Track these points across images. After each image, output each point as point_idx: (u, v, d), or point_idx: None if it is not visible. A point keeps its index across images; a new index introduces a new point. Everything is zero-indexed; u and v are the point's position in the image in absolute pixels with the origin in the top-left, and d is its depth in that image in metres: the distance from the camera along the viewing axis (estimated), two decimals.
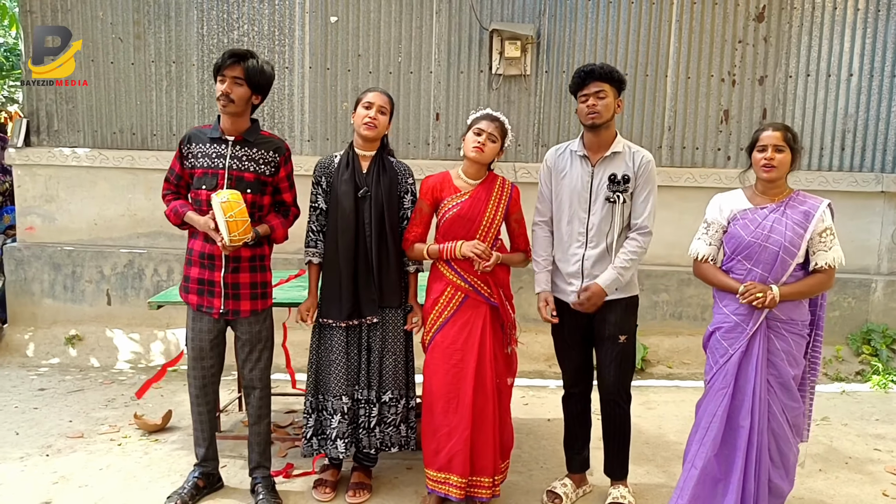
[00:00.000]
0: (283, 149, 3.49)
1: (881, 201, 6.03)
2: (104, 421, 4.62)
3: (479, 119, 3.38)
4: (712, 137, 6.09)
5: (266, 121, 6.17)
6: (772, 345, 3.03)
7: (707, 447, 3.05)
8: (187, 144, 3.41)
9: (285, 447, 4.18)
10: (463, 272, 3.38)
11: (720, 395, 3.07)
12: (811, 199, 3.06)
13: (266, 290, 3.52)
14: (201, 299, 3.42)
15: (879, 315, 6.07)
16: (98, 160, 6.22)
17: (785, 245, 2.97)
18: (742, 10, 5.93)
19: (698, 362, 5.96)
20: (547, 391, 5.42)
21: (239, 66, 3.28)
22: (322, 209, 3.56)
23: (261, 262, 3.48)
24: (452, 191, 3.43)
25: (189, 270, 3.46)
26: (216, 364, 3.55)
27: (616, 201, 3.31)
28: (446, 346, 3.40)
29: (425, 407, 3.45)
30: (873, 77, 5.93)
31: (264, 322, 3.54)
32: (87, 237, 6.34)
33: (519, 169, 5.97)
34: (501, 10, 5.97)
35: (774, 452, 3.05)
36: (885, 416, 5.02)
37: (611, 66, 3.33)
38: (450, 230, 3.41)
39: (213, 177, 3.32)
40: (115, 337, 6.08)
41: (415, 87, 6.10)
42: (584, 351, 3.56)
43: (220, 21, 6.09)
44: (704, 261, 3.22)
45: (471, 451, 3.36)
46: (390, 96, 3.54)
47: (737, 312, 3.06)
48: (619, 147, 3.36)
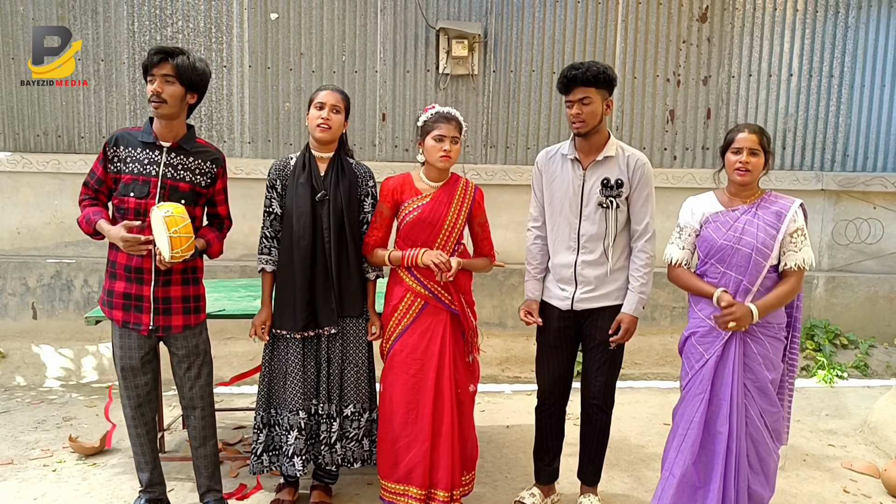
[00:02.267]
0: (221, 160, 3.28)
1: (821, 199, 6.16)
2: (35, 445, 4.30)
3: (437, 122, 3.20)
4: (659, 137, 6.11)
5: (204, 122, 5.90)
6: (748, 349, 2.99)
7: (685, 454, 2.99)
8: (114, 147, 3.13)
9: (236, 466, 3.95)
10: (423, 278, 3.24)
11: (697, 400, 3.01)
12: (783, 199, 3.03)
13: (199, 303, 3.30)
14: (127, 315, 3.16)
15: (821, 311, 6.20)
16: (20, 164, 5.84)
17: (757, 246, 2.93)
18: (686, 11, 5.97)
19: (650, 362, 5.97)
20: (503, 396, 5.33)
21: (168, 63, 3.04)
22: (277, 214, 3.36)
23: (193, 274, 3.25)
24: (413, 193, 3.28)
25: (112, 284, 3.18)
26: (150, 381, 3.30)
27: (609, 206, 3.19)
28: (406, 356, 3.27)
29: (383, 417, 3.32)
30: (812, 77, 6.06)
31: (200, 335, 3.31)
32: (9, 247, 5.95)
33: (468, 170, 5.86)
34: (448, 9, 5.85)
35: (754, 458, 3.01)
36: (833, 410, 5.11)
37: (596, 67, 3.13)
38: (410, 233, 3.27)
39: (145, 184, 3.07)
40: (43, 353, 5.70)
41: (360, 86, 5.93)
42: (568, 359, 3.46)
43: (153, 17, 5.79)
44: (678, 265, 3.15)
45: (430, 463, 3.25)
46: (344, 94, 3.36)
47: (712, 316, 3.01)
48: (611, 151, 3.24)
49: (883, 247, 6.22)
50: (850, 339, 6.10)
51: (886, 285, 6.19)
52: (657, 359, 5.98)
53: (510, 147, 6.03)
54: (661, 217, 5.80)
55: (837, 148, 6.14)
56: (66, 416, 4.77)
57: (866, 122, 6.12)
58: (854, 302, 6.21)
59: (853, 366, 5.91)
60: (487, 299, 6.02)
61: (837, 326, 6.14)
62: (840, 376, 5.75)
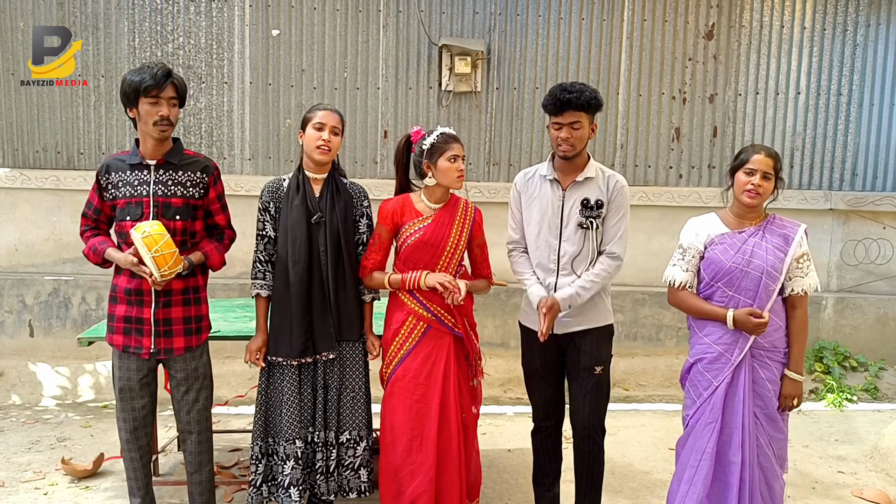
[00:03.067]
0: (212, 168, 3.21)
1: (830, 219, 6.07)
2: (28, 466, 4.22)
3: (448, 142, 3.12)
4: (664, 155, 6.03)
5: (204, 139, 5.85)
6: (756, 374, 2.89)
7: (698, 487, 2.88)
8: (105, 175, 3.10)
9: (231, 491, 3.86)
10: (425, 301, 3.16)
11: (708, 430, 2.91)
12: (788, 222, 2.96)
13: (201, 323, 3.23)
14: (128, 339, 3.10)
15: (830, 332, 6.09)
16: (19, 181, 5.79)
17: (767, 269, 2.85)
18: (692, 28, 5.91)
19: (655, 383, 5.87)
20: (504, 419, 5.23)
21: (172, 86, 3.01)
22: (270, 237, 3.28)
23: (195, 294, 3.19)
24: (414, 215, 3.20)
25: (114, 308, 3.14)
26: (148, 405, 3.23)
27: (589, 227, 3.13)
28: (408, 381, 3.17)
29: (385, 445, 3.22)
30: (820, 95, 5.98)
31: (200, 358, 3.24)
32: (6, 263, 5.88)
33: (471, 188, 5.79)
34: (451, 26, 5.81)
35: (763, 487, 2.91)
36: (843, 435, 4.99)
37: (589, 91, 3.07)
38: (411, 256, 3.19)
39: (138, 206, 3.02)
40: (39, 371, 5.62)
41: (362, 103, 5.88)
42: (557, 383, 3.37)
43: (154, 33, 5.75)
44: (682, 288, 3.06)
45: (435, 492, 3.14)
46: (341, 114, 3.30)
47: (720, 342, 2.91)
48: (591, 172, 3.18)
49: (893, 267, 6.12)
50: (859, 362, 5.98)
51: None
52: (662, 380, 5.87)
53: (513, 164, 5.96)
54: (666, 236, 5.79)
55: (846, 167, 6.05)
56: (61, 437, 4.69)
57: (875, 140, 6.03)
58: (864, 323, 6.10)
59: (863, 389, 5.80)
60: (489, 319, 5.93)
61: (847, 348, 6.03)
62: (850, 399, 5.63)
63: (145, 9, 5.72)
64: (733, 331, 2.90)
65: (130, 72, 3.01)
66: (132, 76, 2.98)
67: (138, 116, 3.01)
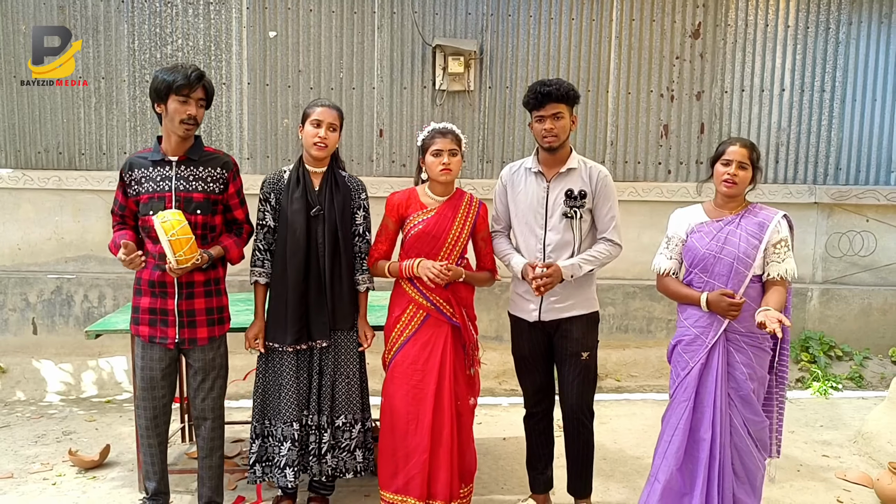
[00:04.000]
0: (231, 164, 3.34)
1: (814, 212, 6.21)
2: (35, 459, 4.32)
3: (433, 138, 3.27)
4: (653, 152, 6.17)
5: (203, 138, 5.92)
6: (731, 358, 3.04)
7: (670, 460, 3.04)
8: (129, 172, 3.22)
9: (234, 479, 3.98)
10: (425, 290, 3.29)
11: (682, 407, 3.07)
12: (766, 210, 3.10)
13: (223, 314, 3.37)
14: (153, 330, 3.23)
15: (816, 323, 6.25)
16: (21, 181, 5.89)
17: (739, 256, 2.99)
18: (679, 27, 6.05)
19: (646, 374, 6.00)
20: (500, 409, 5.36)
21: (203, 88, 3.14)
22: (270, 227, 3.43)
23: (216, 285, 3.32)
24: (418, 207, 3.34)
25: (138, 301, 3.27)
26: (168, 394, 3.36)
27: (574, 216, 3.27)
28: (407, 367, 3.32)
29: (384, 427, 3.36)
30: (804, 92, 6.13)
31: (218, 349, 3.37)
32: (9, 263, 5.99)
33: (465, 185, 5.91)
34: (444, 26, 5.93)
35: (739, 467, 3.05)
36: (828, 422, 5.14)
37: (566, 84, 3.25)
38: (414, 247, 3.33)
39: (160, 200, 3.15)
40: (43, 368, 5.73)
41: (357, 103, 6.00)
42: (546, 369, 3.51)
43: (153, 35, 5.86)
44: (666, 275, 3.22)
45: (428, 475, 3.27)
46: (339, 110, 3.42)
47: (696, 325, 3.07)
48: (574, 163, 3.34)
49: (876, 259, 6.27)
50: (844, 351, 6.13)
51: (880, 297, 6.23)
52: (653, 371, 6.01)
53: (506, 161, 6.04)
54: (656, 231, 5.92)
55: (830, 161, 6.20)
56: (66, 431, 4.79)
57: (858, 135, 6.18)
58: (848, 314, 6.25)
59: (848, 377, 5.95)
60: (484, 313, 6.06)
61: (832, 338, 6.18)
62: (835, 388, 5.78)
63: (144, 11, 5.83)
64: (709, 314, 3.04)
65: (163, 70, 3.12)
66: (165, 74, 3.08)
67: (165, 113, 3.12)
